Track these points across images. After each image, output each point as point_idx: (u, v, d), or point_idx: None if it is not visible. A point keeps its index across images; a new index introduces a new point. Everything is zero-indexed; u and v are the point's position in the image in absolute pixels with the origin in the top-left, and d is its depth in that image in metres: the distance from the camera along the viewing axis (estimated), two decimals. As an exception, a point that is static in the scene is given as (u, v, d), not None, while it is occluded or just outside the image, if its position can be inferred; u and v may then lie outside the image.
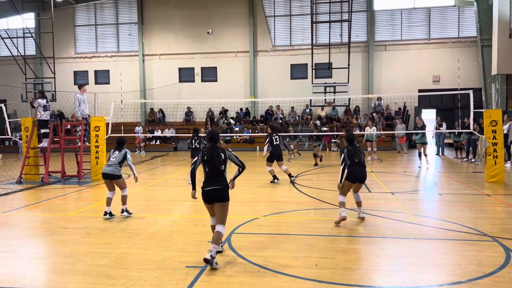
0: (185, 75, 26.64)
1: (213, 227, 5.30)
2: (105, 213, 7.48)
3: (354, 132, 21.97)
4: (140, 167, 15.75)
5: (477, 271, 4.65)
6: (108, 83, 27.14)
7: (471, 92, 11.88)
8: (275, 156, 11.17)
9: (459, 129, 16.24)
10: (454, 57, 23.08)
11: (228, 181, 5.24)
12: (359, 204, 7.14)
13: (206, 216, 7.59)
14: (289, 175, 11.25)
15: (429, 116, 24.97)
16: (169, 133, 24.01)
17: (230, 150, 6.25)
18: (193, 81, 26.54)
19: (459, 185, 10.59)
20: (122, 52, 27.30)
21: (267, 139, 11.33)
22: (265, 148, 11.28)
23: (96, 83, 27.33)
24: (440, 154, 18.65)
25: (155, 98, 26.36)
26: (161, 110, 26.63)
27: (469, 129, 12.57)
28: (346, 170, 6.87)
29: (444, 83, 23.51)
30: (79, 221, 7.34)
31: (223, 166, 5.18)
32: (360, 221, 6.98)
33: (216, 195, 5.10)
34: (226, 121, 25.08)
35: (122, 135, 15.15)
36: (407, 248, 5.60)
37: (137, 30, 26.85)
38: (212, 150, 5.18)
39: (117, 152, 7.85)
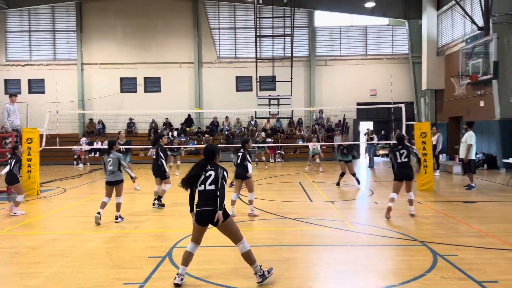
0: (127, 85, 25.93)
1: (188, 254, 4.79)
2: (98, 213, 7.85)
3: (297, 144, 22.64)
4: (77, 181, 15.02)
5: (407, 275, 4.94)
6: (43, 92, 25.71)
7: (403, 106, 12.68)
8: (152, 172, 9.74)
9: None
10: (389, 72, 24.55)
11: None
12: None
13: (147, 230, 7.45)
14: (158, 197, 9.55)
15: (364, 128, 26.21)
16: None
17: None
18: (136, 91, 25.90)
19: (394, 193, 11.18)
20: (59, 61, 26.04)
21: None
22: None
23: (30, 92, 25.78)
24: (371, 166, 19.05)
25: (95, 109, 25.35)
26: (101, 121, 25.65)
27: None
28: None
29: (380, 97, 24.87)
30: (7, 240, 6.83)
31: (213, 185, 4.71)
32: (302, 231, 7.14)
33: (206, 216, 4.70)
34: (171, 133, 24.71)
35: (58, 147, 14.49)
36: (345, 256, 5.81)
37: (76, 38, 25.78)
38: (200, 167, 4.79)
39: (110, 159, 7.98)
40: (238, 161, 8.42)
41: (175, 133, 24.66)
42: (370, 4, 23.11)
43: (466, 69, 17.15)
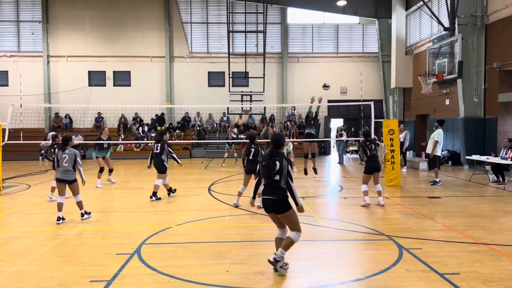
0: (96, 78, 25.26)
1: (279, 239, 5.04)
2: (58, 218, 7.42)
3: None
4: (43, 177, 14.53)
5: (374, 268, 5.06)
6: (7, 85, 24.65)
7: (372, 104, 12.95)
8: (154, 166, 10.08)
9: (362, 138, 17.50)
10: (359, 70, 24.98)
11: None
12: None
13: (115, 227, 7.31)
14: (170, 190, 10.31)
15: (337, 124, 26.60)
16: (76, 140, 22.49)
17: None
18: (104, 85, 25.25)
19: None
20: (24, 52, 25.03)
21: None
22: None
23: (-8, 84, 24.74)
24: (341, 162, 19.24)
25: (61, 103, 24.57)
26: (68, 116, 24.90)
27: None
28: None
29: (351, 95, 25.29)
30: (-34, 238, 6.55)
31: (277, 176, 4.82)
32: (272, 226, 7.18)
33: (270, 205, 4.87)
34: (141, 128, 24.30)
35: (22, 142, 13.97)
36: (314, 250, 5.90)
37: (41, 29, 24.86)
38: (270, 156, 4.89)
39: (66, 156, 7.52)
40: (251, 157, 8.61)
41: (145, 128, 24.27)
42: (341, 3, 23.42)
43: (432, 68, 17.67)
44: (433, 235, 6.58)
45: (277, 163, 4.83)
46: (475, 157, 13.21)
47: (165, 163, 9.84)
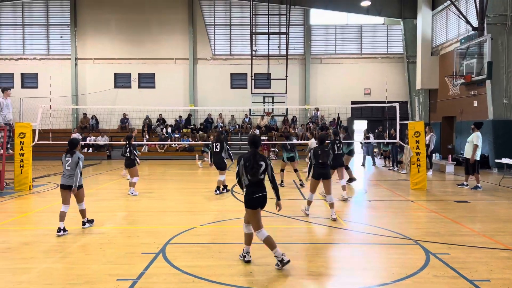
0: (121, 80, 25.78)
1: (250, 235, 5.36)
2: (59, 230, 6.73)
3: (293, 142, 22.64)
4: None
5: (400, 273, 4.96)
6: (37, 87, 25.47)
7: (397, 105, 12.71)
8: (214, 164, 11.11)
9: (387, 139, 17.25)
10: (383, 71, 24.61)
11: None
12: (331, 205, 7.86)
13: (140, 226, 7.43)
14: (225, 186, 11.12)
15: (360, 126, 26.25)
16: (102, 140, 23.02)
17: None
18: (130, 87, 25.75)
19: (387, 192, 11.26)
20: (53, 55, 25.82)
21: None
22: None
23: (22, 86, 25.55)
24: (371, 164, 19.21)
25: (88, 104, 25.19)
26: (94, 117, 25.50)
27: (395, 139, 13.39)
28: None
29: (375, 96, 24.95)
30: (-1, 235, 6.78)
31: (262, 175, 5.21)
32: (295, 228, 7.15)
33: (263, 200, 5.26)
34: (165, 129, 24.65)
35: (51, 142, 14.36)
36: (338, 253, 5.83)
37: (70, 33, 25.57)
38: (253, 156, 5.17)
39: (69, 159, 6.94)
40: (321, 159, 7.79)
41: (169, 130, 24.59)
42: (365, 3, 23.15)
43: (460, 69, 17.24)
44: (461, 240, 6.40)
45: (263, 163, 5.19)
46: (504, 160, 12.80)
47: (225, 160, 10.80)
